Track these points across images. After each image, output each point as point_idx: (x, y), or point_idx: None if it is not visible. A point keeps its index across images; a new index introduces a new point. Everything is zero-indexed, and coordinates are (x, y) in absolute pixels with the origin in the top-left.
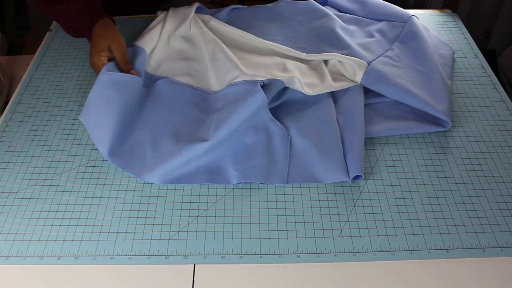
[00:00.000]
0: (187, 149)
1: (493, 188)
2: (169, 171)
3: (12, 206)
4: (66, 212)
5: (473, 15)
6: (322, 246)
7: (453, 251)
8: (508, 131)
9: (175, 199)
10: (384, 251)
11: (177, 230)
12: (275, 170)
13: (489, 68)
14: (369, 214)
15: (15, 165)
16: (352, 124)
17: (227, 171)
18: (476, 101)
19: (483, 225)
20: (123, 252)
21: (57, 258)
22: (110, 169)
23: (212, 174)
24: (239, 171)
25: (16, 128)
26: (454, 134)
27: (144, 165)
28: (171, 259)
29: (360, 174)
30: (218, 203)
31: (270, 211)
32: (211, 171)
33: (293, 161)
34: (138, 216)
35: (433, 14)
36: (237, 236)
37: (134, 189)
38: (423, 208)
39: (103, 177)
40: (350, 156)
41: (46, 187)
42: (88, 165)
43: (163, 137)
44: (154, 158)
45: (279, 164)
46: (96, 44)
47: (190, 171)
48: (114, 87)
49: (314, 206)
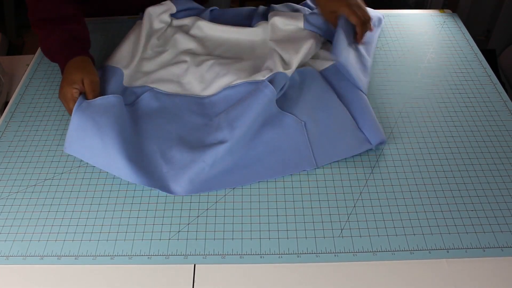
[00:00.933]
0: (209, 154)
1: (493, 188)
2: (195, 178)
3: (12, 206)
4: (66, 212)
5: (473, 15)
6: (322, 246)
7: (454, 251)
8: (508, 131)
9: (175, 199)
10: (384, 251)
11: (177, 230)
12: (302, 159)
13: (489, 68)
14: (369, 214)
15: (15, 165)
16: (353, 95)
17: (256, 169)
18: (476, 101)
19: (483, 225)
20: (123, 252)
21: (57, 258)
22: None
23: (243, 173)
24: (268, 168)
25: (16, 128)
26: (454, 134)
27: (165, 180)
28: (171, 259)
29: (381, 140)
30: (218, 203)
31: (270, 211)
32: (240, 171)
33: (314, 145)
34: (138, 216)
35: (433, 14)
36: (237, 236)
37: (134, 189)
38: (423, 208)
39: (103, 177)
40: (366, 126)
41: (46, 187)
42: (88, 165)
43: (171, 148)
44: (174, 170)
45: (302, 151)
46: (69, 76)
47: (217, 174)
48: (99, 112)
49: (314, 206)
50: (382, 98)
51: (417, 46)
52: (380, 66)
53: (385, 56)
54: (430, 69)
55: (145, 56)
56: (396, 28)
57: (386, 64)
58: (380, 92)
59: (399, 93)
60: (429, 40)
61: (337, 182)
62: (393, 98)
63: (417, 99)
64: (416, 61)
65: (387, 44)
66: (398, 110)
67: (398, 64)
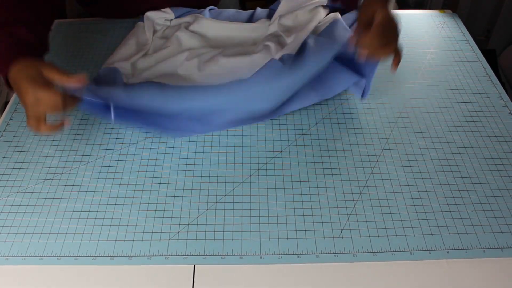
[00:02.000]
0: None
1: (493, 188)
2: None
3: (12, 206)
4: (66, 212)
5: (473, 15)
6: (322, 247)
7: (453, 252)
8: (508, 131)
9: (175, 200)
10: (384, 251)
11: (177, 231)
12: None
13: (489, 68)
14: (369, 214)
15: (15, 165)
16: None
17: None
18: (476, 101)
19: (483, 226)
20: (123, 253)
21: (57, 259)
22: (110, 169)
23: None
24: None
25: (16, 128)
26: (454, 134)
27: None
28: (171, 259)
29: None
30: (218, 203)
31: (270, 211)
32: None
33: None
34: (138, 216)
35: (433, 14)
36: (237, 237)
37: (134, 190)
38: (423, 208)
39: (103, 177)
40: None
41: (46, 187)
42: (88, 165)
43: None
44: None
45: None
46: (29, 106)
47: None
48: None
49: (314, 206)
50: (382, 98)
51: (417, 46)
52: (380, 66)
53: None
54: (430, 69)
55: (146, 55)
56: None
57: (386, 64)
58: (380, 93)
59: (399, 93)
60: (429, 40)
61: (337, 182)
62: (393, 98)
63: (417, 99)
64: (416, 61)
65: None
66: (398, 110)
67: None
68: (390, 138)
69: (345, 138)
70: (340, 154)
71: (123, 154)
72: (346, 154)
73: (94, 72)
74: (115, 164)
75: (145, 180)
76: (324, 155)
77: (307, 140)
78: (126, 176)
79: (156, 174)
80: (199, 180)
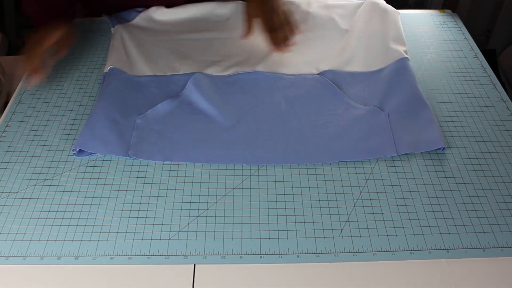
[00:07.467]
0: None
1: (493, 188)
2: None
3: (12, 206)
4: (66, 212)
5: (473, 15)
6: (322, 246)
7: (453, 251)
8: (508, 131)
9: (175, 199)
10: (384, 251)
11: (177, 230)
12: (383, 144)
13: (489, 68)
14: (369, 214)
15: (15, 165)
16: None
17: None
18: (476, 101)
19: (483, 225)
20: (123, 252)
21: (57, 258)
22: (110, 169)
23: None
24: (344, 150)
25: (16, 128)
26: (454, 134)
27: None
28: (171, 259)
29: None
30: (218, 203)
31: (270, 211)
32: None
33: (396, 134)
34: (138, 216)
35: (433, 14)
36: (237, 236)
37: (134, 189)
38: (423, 208)
39: (103, 177)
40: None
41: (46, 187)
42: (88, 165)
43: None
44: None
45: (384, 137)
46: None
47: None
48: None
49: (314, 206)
50: None
51: (417, 46)
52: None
53: None
54: (430, 69)
55: (142, 49)
56: None
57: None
58: None
59: None
60: (429, 40)
61: (337, 182)
62: None
63: None
64: (416, 61)
65: None
66: None
67: None
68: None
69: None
70: None
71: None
72: None
73: (94, 72)
74: (115, 164)
75: (145, 179)
76: None
77: None
78: (126, 175)
79: (157, 174)
80: (199, 179)
